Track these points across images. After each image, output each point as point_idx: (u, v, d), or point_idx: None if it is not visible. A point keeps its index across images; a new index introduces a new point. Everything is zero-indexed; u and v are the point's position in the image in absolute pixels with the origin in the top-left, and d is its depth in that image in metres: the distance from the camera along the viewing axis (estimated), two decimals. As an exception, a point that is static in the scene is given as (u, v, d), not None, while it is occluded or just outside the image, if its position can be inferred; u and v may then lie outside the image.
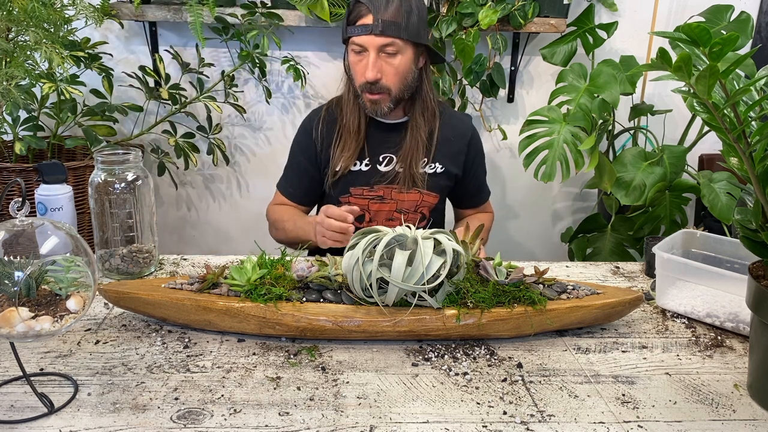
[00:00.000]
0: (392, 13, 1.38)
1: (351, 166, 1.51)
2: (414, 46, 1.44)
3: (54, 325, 0.83)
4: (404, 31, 1.39)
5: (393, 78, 1.43)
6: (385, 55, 1.41)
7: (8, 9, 1.66)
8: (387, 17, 1.37)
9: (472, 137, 1.59)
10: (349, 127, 1.51)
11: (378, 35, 1.38)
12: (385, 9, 1.37)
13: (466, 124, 1.61)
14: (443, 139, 1.55)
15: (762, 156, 0.81)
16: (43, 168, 1.26)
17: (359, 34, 1.39)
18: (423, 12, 1.44)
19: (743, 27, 1.94)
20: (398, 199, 1.53)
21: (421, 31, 1.44)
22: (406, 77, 1.45)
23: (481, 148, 1.63)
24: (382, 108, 1.46)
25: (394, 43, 1.40)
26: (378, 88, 1.43)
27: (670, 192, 1.94)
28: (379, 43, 1.39)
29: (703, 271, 1.11)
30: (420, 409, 0.87)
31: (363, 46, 1.41)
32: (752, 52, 0.81)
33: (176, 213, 2.39)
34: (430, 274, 0.96)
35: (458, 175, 1.58)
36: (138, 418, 0.83)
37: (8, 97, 1.62)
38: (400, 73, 1.44)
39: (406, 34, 1.40)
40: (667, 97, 2.32)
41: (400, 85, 1.45)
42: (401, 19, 1.38)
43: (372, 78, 1.41)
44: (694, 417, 0.87)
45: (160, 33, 2.16)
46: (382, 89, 1.44)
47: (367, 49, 1.41)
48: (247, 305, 1.01)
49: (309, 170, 1.58)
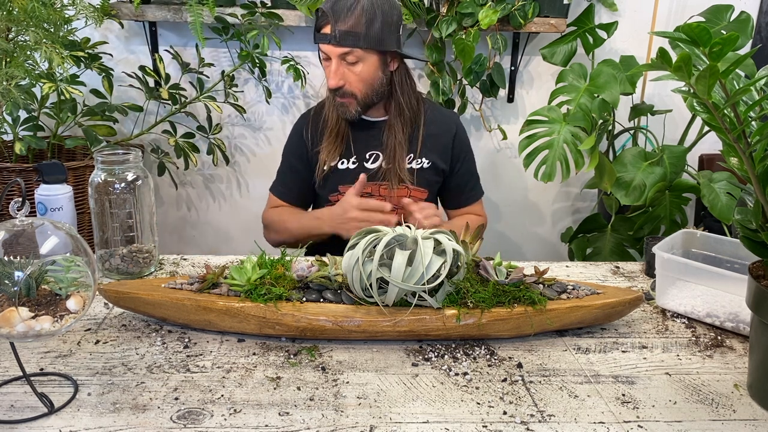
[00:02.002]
0: (351, 23, 1.39)
1: (338, 164, 1.54)
2: (379, 53, 1.46)
3: (54, 325, 0.83)
4: (363, 41, 1.41)
5: (357, 84, 1.46)
6: (346, 63, 1.44)
7: (8, 9, 1.66)
8: (345, 27, 1.39)
9: (457, 132, 1.61)
10: (332, 126, 1.54)
11: (336, 45, 1.41)
12: (343, 19, 1.39)
13: (451, 119, 1.63)
14: (428, 134, 1.57)
15: (762, 156, 0.81)
16: (43, 168, 1.26)
17: (321, 42, 1.44)
18: (391, 18, 1.44)
19: (743, 27, 1.94)
20: (386, 195, 1.55)
21: (387, 37, 1.44)
22: (372, 83, 1.48)
23: (467, 144, 1.65)
24: (350, 111, 1.50)
25: (353, 52, 1.42)
26: (342, 93, 1.47)
27: (670, 192, 1.94)
28: (338, 52, 1.42)
29: (703, 271, 1.11)
30: (420, 409, 0.87)
31: (326, 53, 1.45)
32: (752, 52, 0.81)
33: (176, 213, 2.39)
34: (430, 274, 0.96)
35: (445, 170, 1.60)
36: (138, 418, 0.83)
37: (8, 97, 1.62)
38: (364, 79, 1.46)
39: (365, 44, 1.41)
40: (667, 97, 2.32)
41: (366, 91, 1.48)
42: (360, 29, 1.40)
43: (333, 86, 1.45)
44: (694, 417, 0.87)
45: (160, 33, 2.16)
46: (346, 94, 1.47)
47: (330, 56, 1.44)
48: (247, 305, 1.01)
49: (301, 171, 1.61)
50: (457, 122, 1.63)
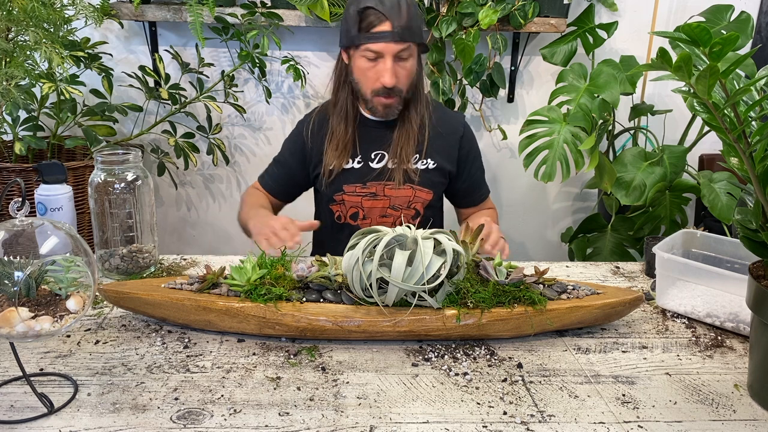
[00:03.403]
0: (406, 19, 1.42)
1: (344, 164, 1.55)
2: (419, 47, 1.50)
3: (54, 325, 0.83)
4: (417, 36, 1.45)
5: (405, 81, 1.48)
6: (399, 60, 1.45)
7: (8, 9, 1.66)
8: (403, 23, 1.41)
9: (464, 134, 1.62)
10: (339, 128, 1.55)
11: (398, 42, 1.42)
12: (399, 15, 1.41)
13: (457, 121, 1.63)
14: (435, 135, 1.57)
15: (762, 156, 0.80)
16: (42, 168, 1.26)
17: (377, 41, 1.42)
18: (419, 11, 1.50)
19: (743, 27, 1.94)
20: (391, 195, 1.56)
21: (423, 31, 1.50)
22: (413, 78, 1.51)
23: (475, 145, 1.65)
24: (394, 111, 1.51)
25: (410, 48, 1.44)
26: (392, 92, 1.47)
27: (670, 192, 1.94)
28: (397, 50, 1.43)
29: (703, 271, 1.11)
30: (420, 409, 0.87)
31: (380, 52, 1.43)
32: (752, 52, 0.81)
33: (176, 213, 2.39)
34: (430, 274, 0.96)
35: (452, 171, 1.60)
36: (138, 418, 0.83)
37: (8, 97, 1.62)
38: (410, 75, 1.49)
39: (418, 38, 1.46)
40: (667, 97, 2.32)
41: (409, 87, 1.50)
42: (413, 24, 1.43)
43: (391, 84, 1.45)
44: (694, 417, 0.87)
45: (160, 33, 2.16)
46: (395, 93, 1.48)
47: (383, 55, 1.43)
48: (247, 305, 1.01)
49: (292, 168, 1.62)
50: (463, 123, 1.63)
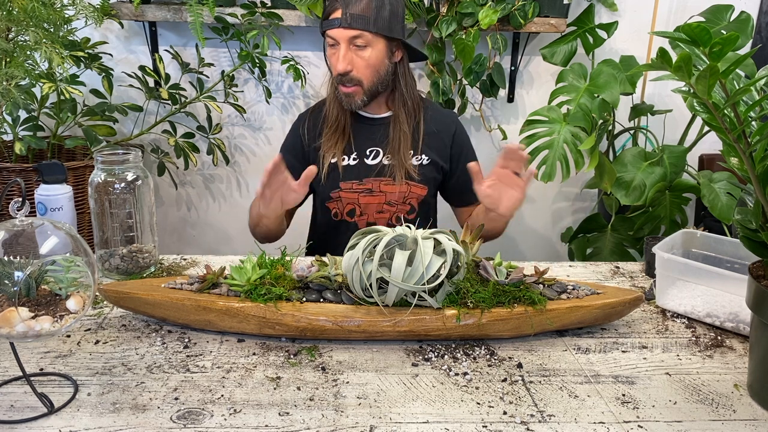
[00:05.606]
0: (362, 7, 1.43)
1: (340, 161, 1.55)
2: (386, 40, 1.49)
3: (54, 325, 0.83)
4: (373, 25, 1.44)
5: (364, 70, 1.48)
6: (355, 48, 1.46)
7: (8, 9, 1.66)
8: (355, 11, 1.43)
9: (456, 131, 1.63)
10: (334, 123, 1.56)
11: (346, 28, 1.43)
12: (354, 4, 1.43)
13: (450, 118, 1.65)
14: (428, 132, 1.59)
15: (762, 156, 0.81)
16: (42, 168, 1.26)
17: (330, 27, 1.45)
18: (397, 8, 1.49)
19: (743, 27, 1.94)
20: (386, 191, 1.56)
21: (394, 25, 1.48)
22: (379, 70, 1.50)
23: (467, 143, 1.65)
24: (355, 101, 1.51)
25: (363, 36, 1.44)
26: (349, 79, 1.48)
27: (670, 192, 1.94)
28: (347, 36, 1.44)
29: (703, 271, 1.11)
30: (420, 409, 0.87)
31: (335, 38, 1.46)
32: (752, 52, 0.81)
33: (176, 213, 2.39)
34: (430, 274, 0.96)
35: (445, 167, 1.61)
36: (138, 418, 0.83)
37: (8, 97, 1.61)
38: (371, 65, 1.48)
39: (374, 28, 1.45)
40: (667, 97, 2.32)
41: (372, 78, 1.49)
42: (370, 13, 1.44)
43: (342, 69, 1.46)
44: (694, 417, 0.87)
45: (160, 33, 2.16)
46: (354, 81, 1.48)
47: (338, 41, 1.46)
48: (247, 305, 1.01)
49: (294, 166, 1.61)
50: (456, 121, 1.64)
